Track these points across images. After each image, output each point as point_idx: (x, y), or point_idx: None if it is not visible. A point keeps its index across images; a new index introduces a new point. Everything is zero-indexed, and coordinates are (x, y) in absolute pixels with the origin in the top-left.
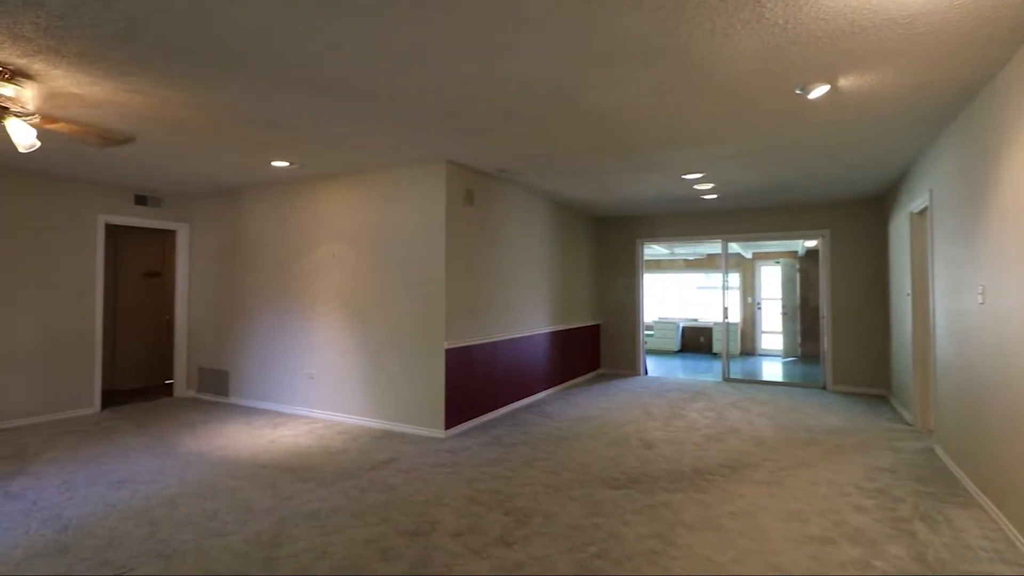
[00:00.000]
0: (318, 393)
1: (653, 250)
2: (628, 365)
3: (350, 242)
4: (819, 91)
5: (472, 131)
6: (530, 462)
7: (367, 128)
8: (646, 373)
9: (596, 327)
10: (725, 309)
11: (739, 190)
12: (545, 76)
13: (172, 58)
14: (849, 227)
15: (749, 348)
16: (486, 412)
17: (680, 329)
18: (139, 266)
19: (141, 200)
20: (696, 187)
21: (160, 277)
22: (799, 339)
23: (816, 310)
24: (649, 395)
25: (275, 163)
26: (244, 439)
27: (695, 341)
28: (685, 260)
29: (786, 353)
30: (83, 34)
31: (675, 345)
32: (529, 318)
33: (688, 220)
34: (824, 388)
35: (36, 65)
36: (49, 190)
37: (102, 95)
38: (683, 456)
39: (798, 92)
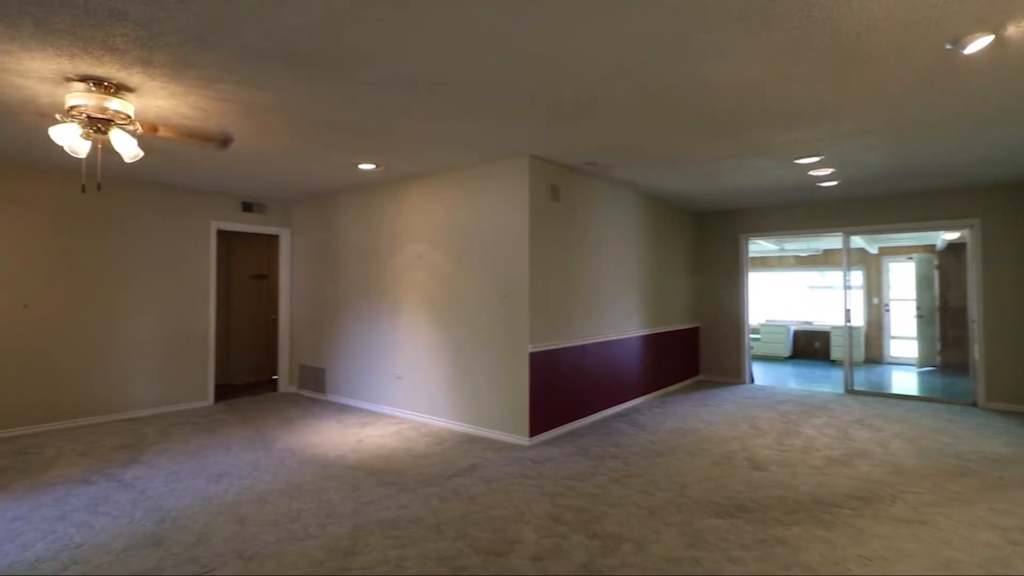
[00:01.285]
0: (405, 394)
1: (759, 246)
2: (731, 372)
3: (434, 242)
4: (978, 44)
5: (556, 121)
6: (620, 479)
7: (446, 124)
8: (752, 381)
9: (695, 330)
10: (847, 311)
11: (865, 175)
12: (637, 50)
13: (248, 59)
14: (1005, 214)
15: (875, 355)
16: (573, 420)
17: (791, 333)
18: (248, 269)
19: (247, 207)
20: (812, 173)
21: (266, 279)
22: (939, 346)
23: (960, 312)
24: (756, 407)
25: (362, 166)
26: (335, 437)
27: (809, 346)
28: (796, 257)
29: (922, 362)
30: (167, 41)
31: (785, 351)
32: (620, 320)
33: (801, 211)
34: (975, 405)
35: (134, 78)
36: (167, 198)
37: (196, 105)
38: (800, 482)
39: (949, 47)
